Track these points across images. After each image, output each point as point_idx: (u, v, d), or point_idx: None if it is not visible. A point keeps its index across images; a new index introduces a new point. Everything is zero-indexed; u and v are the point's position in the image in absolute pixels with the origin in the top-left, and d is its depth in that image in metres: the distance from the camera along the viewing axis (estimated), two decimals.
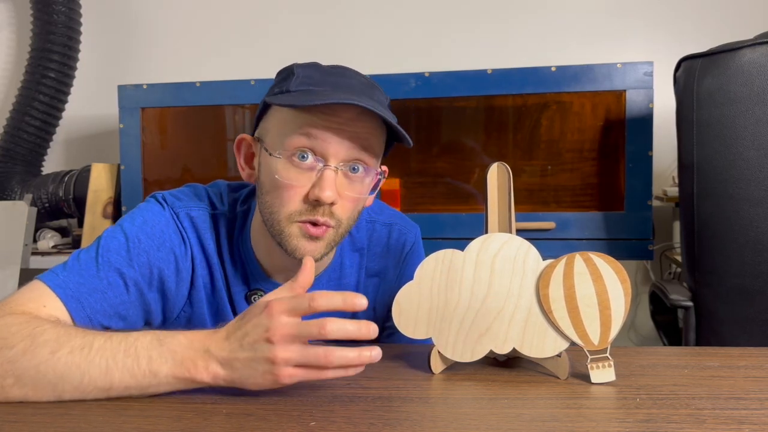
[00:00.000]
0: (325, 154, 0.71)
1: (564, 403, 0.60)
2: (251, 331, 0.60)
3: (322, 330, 0.59)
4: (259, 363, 0.59)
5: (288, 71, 0.75)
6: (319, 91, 0.72)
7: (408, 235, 0.92)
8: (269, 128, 0.75)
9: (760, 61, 1.17)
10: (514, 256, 0.67)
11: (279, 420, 0.56)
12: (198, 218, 0.81)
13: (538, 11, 2.10)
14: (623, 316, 0.66)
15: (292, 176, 0.72)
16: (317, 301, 0.60)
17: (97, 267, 0.73)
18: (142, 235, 0.77)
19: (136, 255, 0.75)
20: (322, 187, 0.70)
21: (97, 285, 0.72)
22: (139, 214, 0.79)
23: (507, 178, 0.70)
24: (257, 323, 0.60)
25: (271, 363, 0.59)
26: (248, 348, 0.60)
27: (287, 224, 0.73)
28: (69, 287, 0.71)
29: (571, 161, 1.67)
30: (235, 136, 1.84)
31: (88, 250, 0.75)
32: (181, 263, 0.79)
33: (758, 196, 1.18)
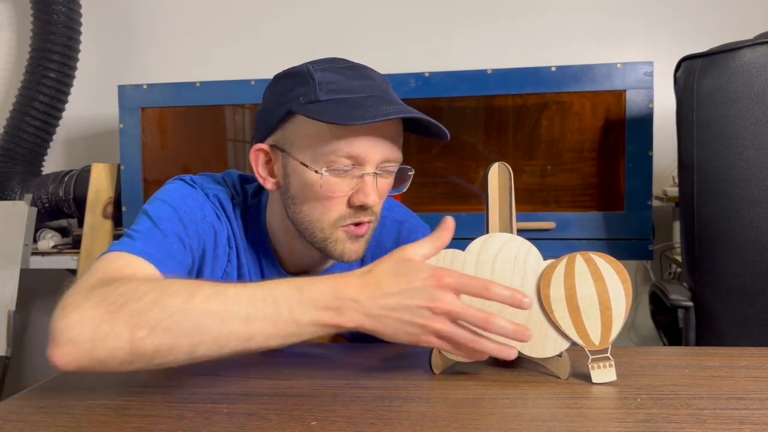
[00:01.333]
0: (364, 161, 0.72)
1: (565, 403, 0.60)
2: (415, 294, 0.59)
3: (487, 324, 0.59)
4: (412, 326, 0.59)
5: (304, 75, 0.73)
6: (355, 99, 0.71)
7: (418, 234, 0.93)
8: (295, 138, 0.74)
9: (760, 61, 1.17)
10: (514, 256, 0.67)
11: (280, 420, 0.56)
12: (225, 201, 0.81)
13: (538, 11, 2.10)
14: (624, 316, 0.66)
15: (335, 187, 0.72)
16: (490, 291, 0.59)
17: (162, 234, 0.72)
18: (186, 207, 0.76)
19: (189, 222, 0.75)
20: (367, 193, 0.72)
21: (170, 249, 0.71)
22: (174, 190, 0.78)
23: (508, 178, 0.70)
24: (423, 289, 0.59)
25: (423, 329, 0.59)
26: (406, 310, 0.59)
27: (332, 231, 0.74)
28: (151, 252, 0.69)
29: (571, 161, 1.67)
30: (234, 136, 1.85)
31: (140, 223, 0.73)
32: (219, 240, 0.79)
33: (758, 196, 1.18)
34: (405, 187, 0.79)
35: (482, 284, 0.60)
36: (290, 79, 0.75)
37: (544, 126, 1.68)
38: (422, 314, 0.59)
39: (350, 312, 0.59)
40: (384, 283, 0.60)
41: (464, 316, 0.59)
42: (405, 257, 0.62)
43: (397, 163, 0.76)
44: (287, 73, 0.76)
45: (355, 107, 0.69)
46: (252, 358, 0.77)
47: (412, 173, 0.79)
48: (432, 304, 0.58)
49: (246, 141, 1.84)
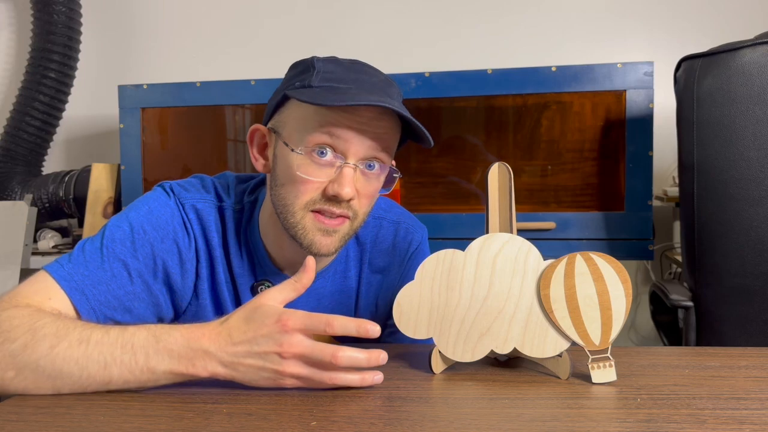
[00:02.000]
0: (345, 152, 0.72)
1: (565, 403, 0.60)
2: (262, 342, 0.61)
3: (334, 359, 0.61)
4: (266, 372, 0.61)
5: (307, 64, 0.75)
6: (343, 88, 0.72)
7: (415, 235, 0.92)
8: (287, 121, 0.75)
9: (760, 61, 1.17)
10: (514, 256, 0.67)
11: (280, 419, 0.56)
12: (203, 210, 0.81)
13: (539, 11, 2.10)
14: (624, 317, 0.66)
15: (311, 171, 0.72)
16: (333, 326, 0.61)
17: (101, 258, 0.74)
18: (147, 226, 0.77)
19: (141, 246, 0.76)
20: (342, 183, 0.71)
21: (102, 276, 0.73)
22: (144, 203, 0.79)
23: (508, 178, 0.70)
24: (269, 335, 0.61)
25: (277, 374, 0.61)
26: (256, 357, 0.61)
27: (303, 215, 0.74)
28: (74, 279, 0.71)
29: (571, 161, 1.68)
30: (235, 136, 1.85)
31: (92, 240, 0.76)
32: (184, 255, 0.79)
33: (758, 196, 1.18)
34: (389, 188, 0.79)
35: (324, 321, 0.61)
36: (296, 68, 0.77)
37: (544, 126, 1.68)
38: (272, 359, 0.61)
39: (203, 363, 0.61)
40: (234, 333, 0.62)
41: (312, 355, 0.61)
42: (258, 304, 0.63)
43: (383, 162, 0.76)
44: (297, 62, 0.78)
45: (341, 94, 0.70)
46: None
47: (398, 176, 0.79)
48: (280, 348, 0.60)
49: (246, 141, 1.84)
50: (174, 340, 0.62)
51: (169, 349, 0.62)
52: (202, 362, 0.61)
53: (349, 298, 0.90)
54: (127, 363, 0.61)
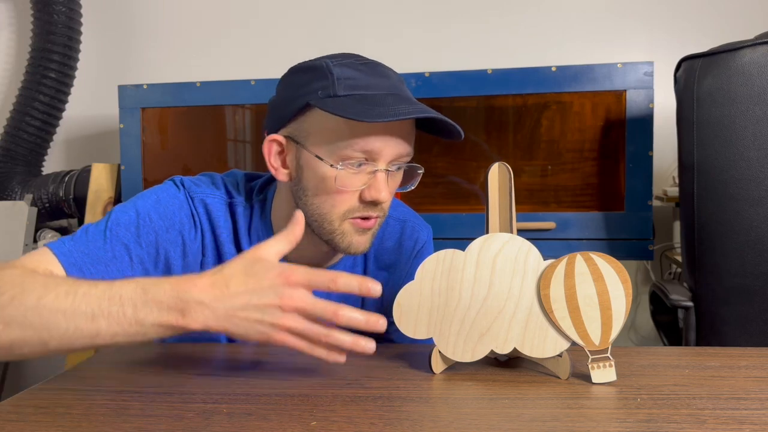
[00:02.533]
0: (377, 158, 0.73)
1: (565, 403, 0.60)
2: (263, 294, 0.60)
3: (335, 316, 0.60)
4: (262, 325, 0.60)
5: (322, 70, 0.74)
6: (373, 97, 0.72)
7: (420, 234, 0.93)
8: (311, 131, 0.74)
9: (760, 61, 1.17)
10: (514, 256, 0.67)
11: (280, 419, 0.56)
12: (213, 206, 0.81)
13: (538, 11, 2.10)
14: (624, 317, 0.66)
15: (348, 182, 0.73)
16: (337, 282, 0.61)
17: (104, 239, 0.74)
18: (154, 214, 0.77)
19: (145, 233, 0.76)
20: (378, 189, 0.73)
21: (102, 256, 0.73)
22: (153, 193, 0.80)
23: (508, 178, 0.70)
24: (271, 288, 0.60)
25: (274, 327, 0.60)
26: (254, 309, 0.60)
27: (341, 223, 0.75)
28: (73, 256, 0.71)
29: (571, 161, 1.67)
30: (235, 136, 1.85)
31: (97, 223, 0.76)
32: (189, 247, 0.79)
33: (758, 196, 1.18)
34: (413, 185, 0.80)
35: (329, 277, 0.61)
36: (307, 73, 0.75)
37: (545, 126, 1.68)
38: (272, 312, 0.60)
39: (194, 314, 0.60)
40: (232, 284, 0.61)
41: (313, 310, 0.60)
42: (256, 257, 0.63)
43: (409, 158, 0.77)
44: (304, 66, 0.77)
45: (375, 104, 0.70)
46: (252, 358, 0.77)
47: (421, 171, 0.80)
48: (281, 301, 0.59)
49: (246, 141, 1.84)
50: (163, 291, 0.61)
51: (158, 301, 0.61)
52: (194, 314, 0.60)
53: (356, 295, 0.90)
54: (114, 315, 0.60)
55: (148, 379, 0.69)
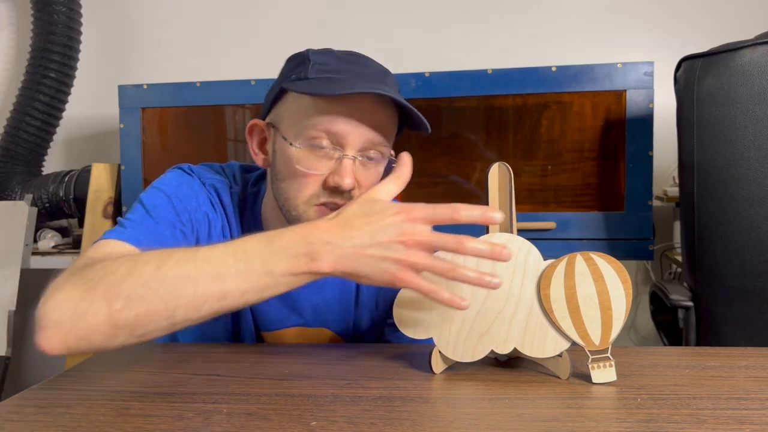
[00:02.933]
0: (344, 144, 0.72)
1: (565, 403, 0.60)
2: (387, 229, 0.59)
3: (459, 245, 0.59)
4: (387, 262, 0.59)
5: (302, 57, 0.75)
6: (340, 78, 0.72)
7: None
8: (285, 115, 0.76)
9: (760, 61, 1.17)
10: (515, 256, 0.67)
11: (280, 419, 0.56)
12: (221, 190, 0.83)
13: (538, 11, 2.10)
14: (624, 317, 0.66)
15: (310, 164, 0.72)
16: (459, 213, 0.59)
17: (154, 221, 0.73)
18: (181, 195, 0.78)
19: (182, 210, 0.76)
20: (342, 174, 0.71)
21: (162, 234, 0.72)
22: (171, 179, 0.80)
23: (508, 178, 0.70)
24: (393, 224, 0.59)
25: (398, 264, 0.59)
26: (378, 246, 0.58)
27: (305, 208, 0.74)
28: (140, 239, 0.69)
29: (571, 161, 1.67)
30: (235, 136, 1.85)
31: (134, 211, 0.75)
32: (213, 229, 0.80)
33: (759, 196, 1.18)
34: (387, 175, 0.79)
35: (450, 209, 0.60)
36: (292, 61, 0.78)
37: (545, 126, 1.68)
38: (396, 249, 0.58)
39: (324, 255, 0.59)
40: (354, 223, 0.60)
41: (436, 242, 0.59)
42: (372, 198, 0.62)
43: (382, 152, 0.76)
44: (293, 56, 0.79)
45: (338, 85, 0.70)
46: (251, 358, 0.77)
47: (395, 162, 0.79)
48: (404, 237, 0.58)
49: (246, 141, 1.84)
50: (288, 238, 0.60)
51: (285, 248, 0.59)
52: (323, 255, 0.59)
53: (350, 292, 0.90)
54: (243, 271, 0.58)
55: (148, 379, 0.69)
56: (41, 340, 0.58)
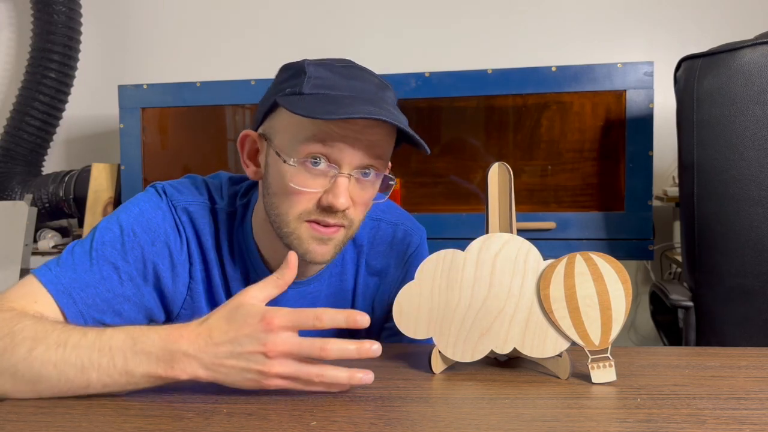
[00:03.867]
0: (339, 162, 0.70)
1: (565, 403, 0.60)
2: (245, 342, 0.59)
3: (323, 352, 0.59)
4: (249, 372, 0.60)
5: (298, 69, 0.73)
6: (336, 96, 0.70)
7: (413, 236, 0.91)
8: (278, 129, 0.73)
9: (760, 61, 1.17)
10: (514, 256, 0.67)
11: (280, 420, 0.56)
12: (195, 213, 0.80)
13: (538, 11, 2.10)
14: (624, 317, 0.66)
15: (304, 181, 0.71)
16: (322, 320, 0.60)
17: (90, 261, 0.73)
18: (138, 228, 0.76)
19: (131, 248, 0.75)
20: (336, 194, 0.70)
21: (90, 279, 0.72)
22: (135, 205, 0.78)
23: (508, 178, 0.70)
24: (253, 335, 0.59)
25: (263, 375, 0.59)
26: (239, 357, 0.59)
27: (297, 224, 0.72)
28: (61, 283, 0.70)
29: (571, 161, 1.68)
30: (235, 136, 1.85)
31: (82, 243, 0.75)
32: (176, 258, 0.78)
33: (758, 196, 1.18)
34: (386, 195, 0.78)
35: (313, 315, 0.60)
36: (287, 71, 0.75)
37: (544, 126, 1.68)
38: (257, 360, 0.59)
39: (182, 365, 0.60)
40: (215, 333, 0.60)
41: (300, 351, 0.59)
42: (239, 303, 0.62)
43: (379, 170, 0.74)
44: (288, 65, 0.76)
45: (331, 103, 0.68)
46: None
47: (393, 183, 0.77)
48: (264, 348, 0.58)
49: None
50: (152, 342, 0.61)
51: (147, 352, 0.60)
52: (181, 365, 0.60)
53: (346, 300, 0.88)
54: (105, 366, 0.60)
55: None
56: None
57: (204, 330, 0.61)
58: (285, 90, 0.72)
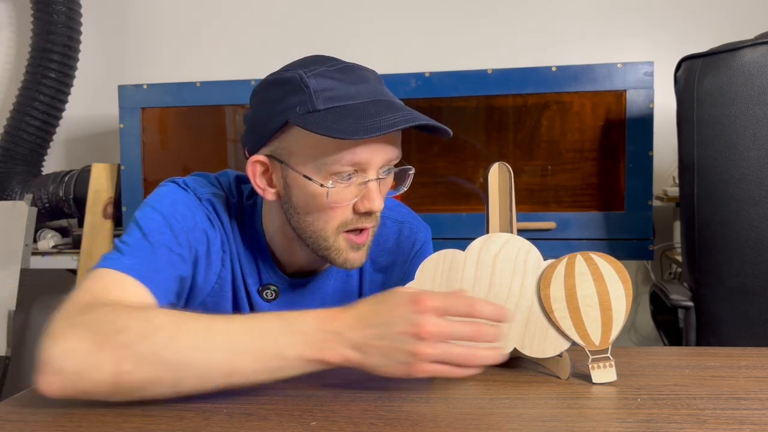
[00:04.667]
0: (367, 168, 0.71)
1: (565, 403, 0.60)
2: (397, 322, 0.58)
3: (478, 335, 0.59)
4: (400, 354, 0.58)
5: (295, 84, 0.70)
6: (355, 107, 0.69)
7: (419, 235, 0.92)
8: (293, 150, 0.72)
9: (760, 61, 1.17)
10: (515, 256, 0.67)
11: (280, 419, 0.56)
12: (218, 205, 0.80)
13: (538, 11, 2.10)
14: (624, 317, 0.66)
15: (340, 197, 0.71)
16: (475, 307, 0.59)
17: (151, 246, 0.71)
18: (177, 215, 0.75)
19: (179, 232, 0.74)
20: (372, 198, 0.71)
21: (158, 264, 0.71)
22: (165, 196, 0.77)
23: (508, 178, 0.70)
24: (404, 316, 0.58)
25: (413, 356, 0.58)
26: (390, 337, 0.58)
27: (335, 238, 0.74)
28: (138, 269, 0.68)
29: (571, 161, 1.67)
30: (235, 136, 1.85)
31: (131, 234, 0.73)
32: (212, 245, 0.78)
33: (758, 196, 1.18)
34: (404, 187, 0.78)
35: (466, 303, 0.60)
36: (281, 87, 0.71)
37: (545, 126, 1.68)
38: (408, 341, 0.58)
39: (333, 344, 0.59)
40: (366, 314, 0.60)
41: (452, 334, 0.59)
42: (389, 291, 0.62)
43: (398, 160, 0.75)
44: (278, 78, 0.73)
45: (359, 117, 0.67)
46: None
47: (412, 172, 0.78)
48: (416, 329, 0.58)
49: None
50: (306, 322, 0.60)
51: (302, 332, 0.59)
52: (333, 345, 0.59)
53: (353, 297, 0.89)
54: (255, 349, 0.58)
55: None
56: (40, 383, 0.58)
57: (354, 312, 0.60)
58: (294, 109, 0.69)
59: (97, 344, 0.58)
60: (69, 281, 2.05)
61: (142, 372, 0.57)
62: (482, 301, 0.61)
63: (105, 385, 0.57)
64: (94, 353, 0.57)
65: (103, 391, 0.58)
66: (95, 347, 0.57)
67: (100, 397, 0.58)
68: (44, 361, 0.58)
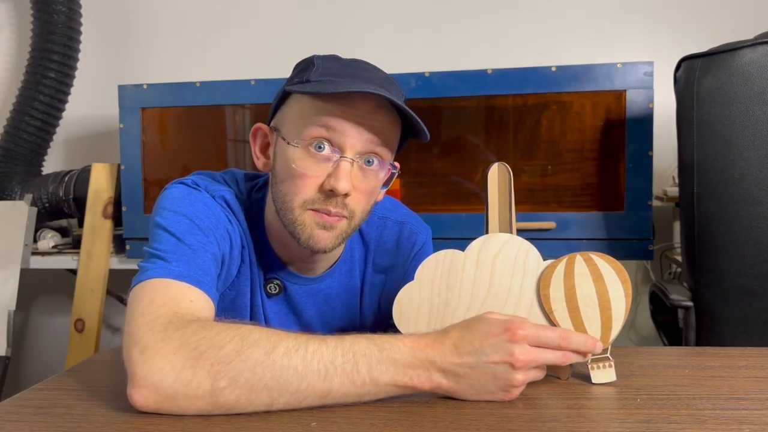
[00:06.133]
0: (342, 146, 0.71)
1: (565, 403, 0.61)
2: (491, 351, 0.60)
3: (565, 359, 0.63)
4: (493, 382, 0.60)
5: (307, 62, 0.76)
6: (339, 81, 0.72)
7: (419, 235, 0.92)
8: (286, 118, 0.76)
9: (760, 61, 1.17)
10: (514, 256, 0.67)
11: (280, 420, 0.56)
12: (231, 201, 0.81)
13: (538, 11, 2.10)
14: (624, 317, 0.66)
15: (308, 165, 0.72)
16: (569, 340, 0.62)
17: (191, 250, 0.70)
18: (201, 215, 0.75)
19: (207, 231, 0.74)
20: (338, 177, 0.70)
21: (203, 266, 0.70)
22: (182, 198, 0.76)
23: (508, 178, 0.70)
24: (498, 345, 0.60)
25: (508, 384, 0.60)
26: (485, 366, 0.60)
27: (301, 212, 0.73)
28: (191, 275, 0.68)
29: (571, 161, 1.67)
30: (235, 136, 1.85)
31: (162, 242, 0.70)
32: (234, 241, 0.79)
33: (758, 196, 1.18)
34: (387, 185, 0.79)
35: (559, 335, 0.62)
36: (298, 67, 0.78)
37: (544, 126, 1.68)
38: (503, 370, 0.60)
39: (426, 372, 0.60)
40: (459, 343, 0.60)
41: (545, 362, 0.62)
42: (479, 317, 0.63)
43: (382, 158, 0.75)
44: (299, 62, 0.79)
45: (336, 86, 0.70)
46: None
47: (396, 172, 0.78)
48: (510, 359, 0.59)
49: (246, 141, 1.84)
50: (398, 349, 0.60)
51: (394, 359, 0.59)
52: (426, 372, 0.60)
53: (355, 297, 0.90)
54: (348, 372, 0.58)
55: None
56: (136, 396, 0.57)
57: (446, 339, 0.61)
58: (294, 81, 0.75)
59: (190, 359, 0.57)
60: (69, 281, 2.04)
61: (238, 389, 0.57)
62: (574, 333, 0.63)
63: (201, 401, 0.57)
64: (188, 367, 0.57)
65: (198, 407, 0.57)
66: (189, 362, 0.57)
67: (194, 411, 0.57)
68: (140, 375, 0.57)
